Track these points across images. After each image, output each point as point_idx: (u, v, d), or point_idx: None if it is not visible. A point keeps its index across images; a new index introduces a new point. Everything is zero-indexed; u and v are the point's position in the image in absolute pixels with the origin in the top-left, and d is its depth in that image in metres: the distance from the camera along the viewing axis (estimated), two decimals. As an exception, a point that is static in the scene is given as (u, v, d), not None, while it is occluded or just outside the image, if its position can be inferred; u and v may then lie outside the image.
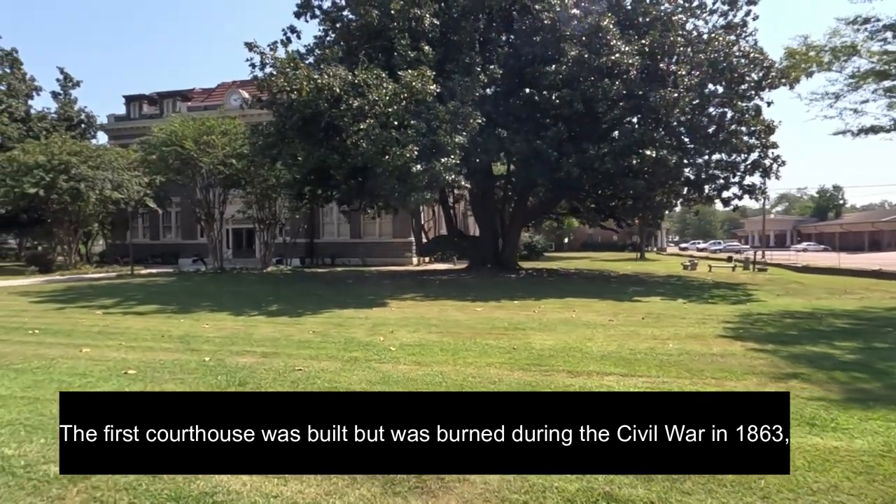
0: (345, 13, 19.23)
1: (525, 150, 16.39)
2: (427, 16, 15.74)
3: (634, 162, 14.93)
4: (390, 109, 12.92)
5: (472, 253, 22.84)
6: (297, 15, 19.61)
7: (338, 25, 19.03)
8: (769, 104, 17.26)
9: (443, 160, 13.17)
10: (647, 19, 17.73)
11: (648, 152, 14.89)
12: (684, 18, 17.85)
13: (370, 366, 6.00)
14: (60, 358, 6.46)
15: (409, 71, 13.39)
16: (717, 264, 27.03)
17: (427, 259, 30.27)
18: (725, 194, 18.19)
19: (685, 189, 20.13)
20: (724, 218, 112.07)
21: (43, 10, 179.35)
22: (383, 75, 13.43)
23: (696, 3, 18.99)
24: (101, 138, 35.09)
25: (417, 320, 9.49)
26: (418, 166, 12.66)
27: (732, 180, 17.78)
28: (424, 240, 23.47)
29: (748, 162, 17.53)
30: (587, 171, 15.73)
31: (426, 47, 14.88)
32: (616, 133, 17.07)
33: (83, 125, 33.93)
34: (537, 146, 16.21)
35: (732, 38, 17.75)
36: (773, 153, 17.30)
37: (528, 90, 19.95)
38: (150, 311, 10.91)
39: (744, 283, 17.70)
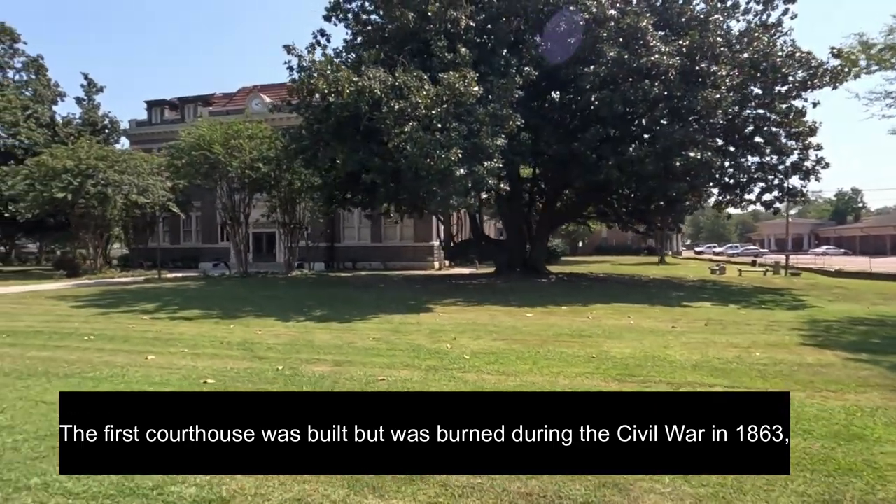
0: (373, 17, 19.09)
1: (562, 152, 16.12)
2: (463, 17, 15.57)
3: (678, 164, 14.61)
4: (433, 112, 12.72)
5: (500, 257, 22.55)
6: (327, 18, 19.48)
7: (367, 28, 18.91)
8: (815, 105, 16.86)
9: (486, 163, 12.95)
10: (683, 20, 17.44)
11: (693, 154, 14.58)
12: (721, 18, 17.53)
13: (452, 375, 5.77)
14: (129, 366, 6.28)
15: (451, 73, 13.19)
16: (743, 268, 26.62)
17: (448, 263, 29.99)
18: (766, 197, 17.79)
19: (717, 191, 19.76)
20: (737, 221, 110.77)
21: (60, 11, 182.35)
22: (424, 77, 13.25)
23: (729, 4, 18.66)
24: (124, 143, 35.31)
25: (473, 326, 9.24)
26: (461, 170, 12.44)
27: (773, 182, 17.39)
28: (452, 244, 23.20)
29: (787, 164, 17.15)
30: (626, 173, 15.44)
31: (462, 49, 14.70)
32: (652, 135, 16.76)
33: (107, 130, 34.17)
34: (574, 148, 15.94)
35: (767, 37, 17.38)
36: (815, 154, 16.91)
37: (559, 92, 19.75)
38: (195, 316, 10.75)
39: (785, 288, 17.27)
